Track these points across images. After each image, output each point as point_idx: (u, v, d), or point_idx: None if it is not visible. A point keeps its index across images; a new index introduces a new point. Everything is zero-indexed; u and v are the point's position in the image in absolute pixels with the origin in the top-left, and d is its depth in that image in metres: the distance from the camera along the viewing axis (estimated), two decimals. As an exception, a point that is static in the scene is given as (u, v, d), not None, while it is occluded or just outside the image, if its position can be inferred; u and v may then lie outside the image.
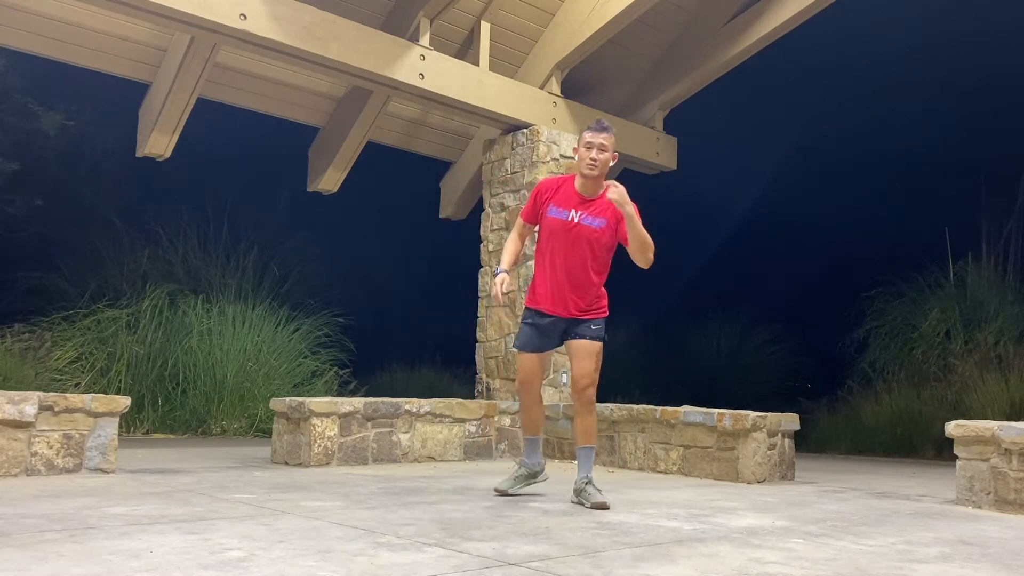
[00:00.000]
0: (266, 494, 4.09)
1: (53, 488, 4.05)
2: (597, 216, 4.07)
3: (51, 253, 9.13)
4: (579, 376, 4.14)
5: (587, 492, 4.03)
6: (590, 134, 4.09)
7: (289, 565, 2.49)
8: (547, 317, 4.16)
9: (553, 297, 4.14)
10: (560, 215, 4.11)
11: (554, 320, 4.16)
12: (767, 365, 12.34)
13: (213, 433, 8.22)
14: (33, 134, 8.80)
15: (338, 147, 7.87)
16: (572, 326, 4.16)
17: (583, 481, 4.09)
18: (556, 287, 4.13)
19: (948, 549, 3.15)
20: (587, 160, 4.06)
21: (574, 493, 4.13)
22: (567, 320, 4.15)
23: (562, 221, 4.10)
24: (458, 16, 7.24)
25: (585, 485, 4.07)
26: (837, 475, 6.33)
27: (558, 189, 4.18)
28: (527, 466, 4.30)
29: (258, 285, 9.57)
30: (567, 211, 4.10)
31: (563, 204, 4.12)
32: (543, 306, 4.16)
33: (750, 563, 2.75)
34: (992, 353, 8.92)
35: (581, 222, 4.07)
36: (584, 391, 4.13)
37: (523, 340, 4.24)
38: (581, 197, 4.12)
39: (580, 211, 4.09)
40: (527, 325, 4.23)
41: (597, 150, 4.05)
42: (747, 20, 7.69)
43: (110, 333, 8.31)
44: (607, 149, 4.07)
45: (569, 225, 4.09)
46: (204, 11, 5.58)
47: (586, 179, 4.10)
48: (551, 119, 7.39)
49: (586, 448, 4.20)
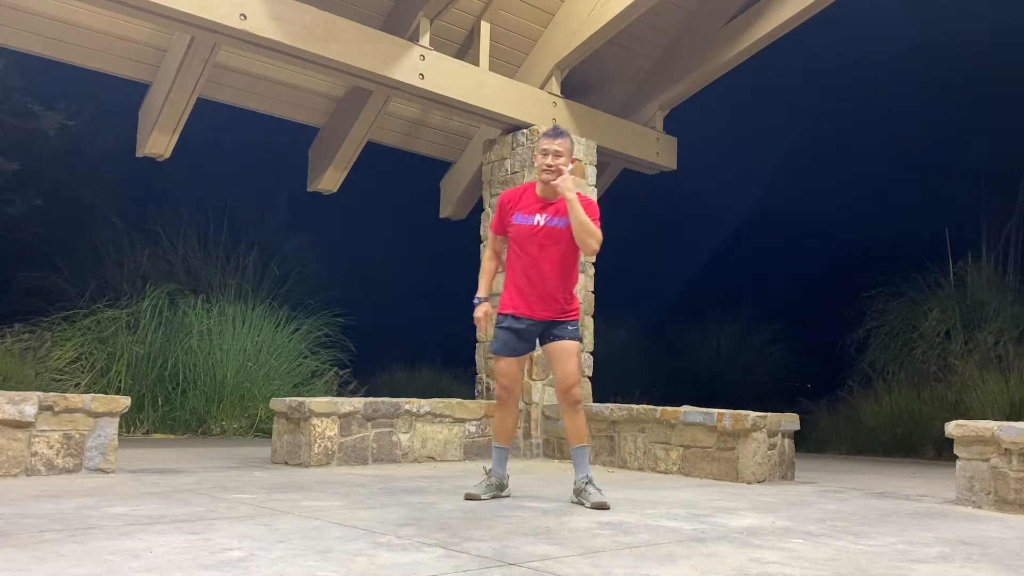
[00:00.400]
0: (266, 494, 4.09)
1: (53, 488, 4.05)
2: (561, 216, 4.21)
3: (51, 253, 9.13)
4: (565, 377, 4.23)
5: (587, 492, 4.07)
6: (546, 140, 4.24)
7: (289, 565, 2.49)
8: (523, 321, 4.24)
9: (528, 301, 4.23)
10: (526, 221, 4.25)
11: (530, 323, 4.25)
12: (767, 365, 12.34)
13: (213, 433, 8.22)
14: (33, 134, 8.80)
15: (338, 147, 7.87)
16: (549, 328, 4.26)
17: (583, 481, 4.13)
18: (530, 291, 4.23)
19: (948, 549, 3.15)
20: (544, 166, 4.21)
21: (574, 493, 4.16)
22: (543, 323, 4.25)
23: (529, 226, 4.24)
24: (458, 16, 7.24)
25: (585, 485, 4.11)
26: (837, 475, 6.33)
27: (520, 197, 4.33)
28: (497, 476, 4.30)
29: (258, 285, 9.57)
30: (532, 216, 4.25)
31: (527, 210, 4.27)
32: (519, 310, 4.24)
33: (750, 563, 2.75)
34: (992, 353, 8.92)
35: (547, 224, 4.22)
36: (570, 391, 4.22)
37: (501, 345, 4.30)
38: (543, 201, 4.26)
39: (544, 214, 4.23)
40: (503, 330, 4.29)
41: (552, 156, 4.20)
42: (747, 20, 7.69)
43: (110, 333, 8.31)
44: (563, 154, 4.21)
45: (536, 229, 4.22)
46: (204, 11, 5.58)
47: (545, 184, 4.23)
48: (551, 119, 7.39)
49: (580, 448, 4.24)
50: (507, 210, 4.32)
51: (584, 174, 7.52)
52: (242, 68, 7.14)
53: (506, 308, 4.28)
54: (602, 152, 7.81)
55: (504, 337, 4.28)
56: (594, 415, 6.48)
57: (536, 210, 4.24)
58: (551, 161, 4.18)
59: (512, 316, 4.25)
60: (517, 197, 4.33)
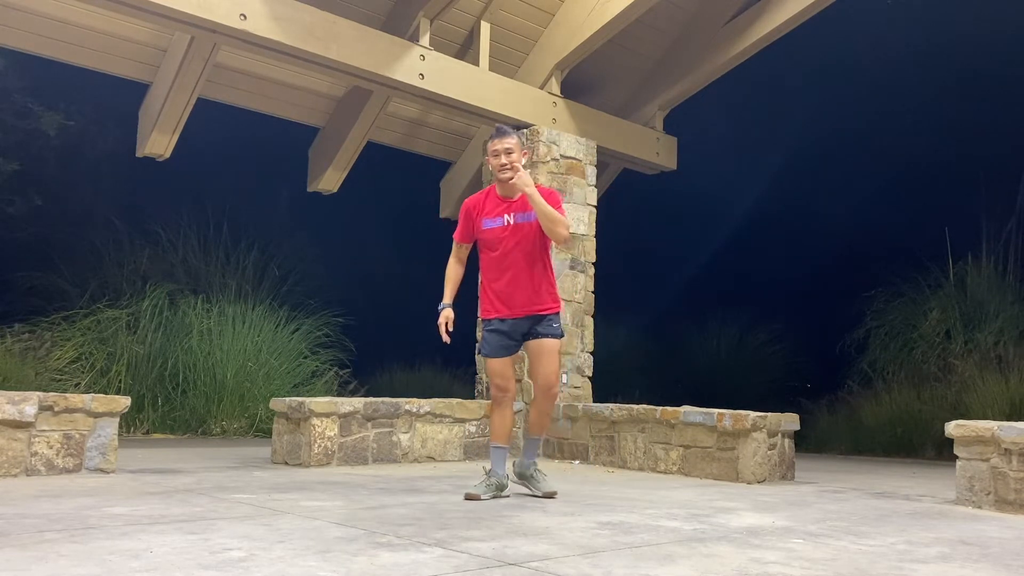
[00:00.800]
0: (266, 494, 4.09)
1: (53, 488, 4.05)
2: (527, 211, 4.28)
3: (51, 253, 9.12)
4: (548, 374, 4.34)
5: (535, 479, 4.32)
6: (495, 142, 4.32)
7: (289, 565, 2.49)
8: (507, 321, 4.31)
9: (510, 301, 4.29)
10: (497, 223, 4.32)
11: (515, 322, 4.31)
12: (767, 365, 12.32)
13: (213, 433, 8.22)
14: (33, 134, 8.80)
15: (338, 147, 7.87)
16: (533, 325, 4.32)
17: (531, 467, 4.36)
18: (511, 290, 4.29)
19: (948, 549, 3.15)
20: (499, 166, 4.29)
21: (517, 476, 4.37)
22: (527, 319, 4.31)
23: (500, 228, 4.31)
24: (458, 16, 7.24)
25: (534, 472, 4.34)
26: (837, 475, 6.33)
27: (484, 202, 4.39)
28: (497, 476, 4.31)
29: (258, 285, 9.57)
30: (500, 217, 4.32)
31: (494, 213, 4.34)
32: (500, 313, 4.31)
33: (750, 563, 2.75)
34: (992, 353, 8.92)
35: (517, 221, 4.29)
36: (551, 388, 4.36)
37: (492, 347, 4.36)
38: (507, 201, 4.33)
39: (511, 213, 4.30)
40: (492, 332, 4.35)
41: (504, 154, 4.27)
42: (747, 20, 7.69)
43: (110, 333, 8.31)
44: (514, 150, 4.29)
45: (508, 229, 4.29)
46: (204, 11, 5.58)
47: (504, 183, 4.30)
48: (551, 119, 7.39)
49: (538, 439, 4.49)
50: (474, 217, 4.38)
51: (584, 174, 7.53)
52: (242, 68, 7.14)
53: (488, 314, 4.36)
54: (602, 152, 7.81)
55: (492, 339, 4.35)
56: (594, 415, 6.48)
57: (502, 211, 4.32)
58: (504, 160, 4.26)
59: (497, 319, 4.32)
60: (480, 203, 4.39)
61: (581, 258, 7.42)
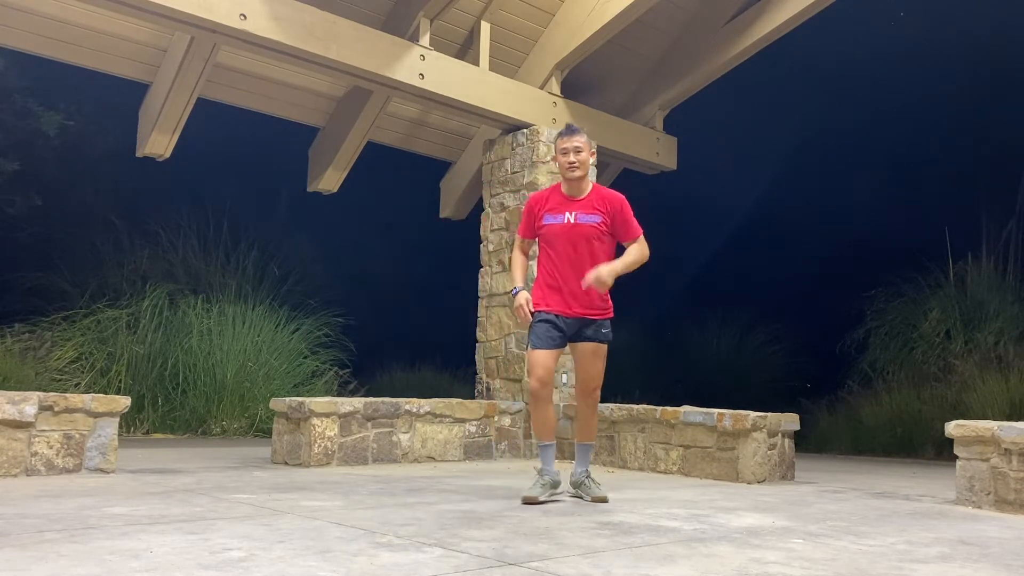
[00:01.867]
0: (266, 494, 4.09)
1: (53, 488, 4.05)
2: (591, 212, 4.25)
3: (51, 253, 9.12)
4: (591, 378, 4.32)
5: (586, 486, 4.20)
6: (563, 140, 4.30)
7: (289, 565, 2.49)
8: (560, 318, 4.25)
9: (562, 298, 4.25)
10: (557, 220, 4.28)
11: (567, 320, 4.26)
12: (767, 365, 12.32)
13: (213, 433, 8.22)
14: (33, 134, 8.79)
15: (338, 147, 7.87)
16: (583, 327, 4.28)
17: (583, 475, 4.25)
18: (565, 288, 4.24)
19: (948, 549, 3.15)
20: (567, 164, 4.27)
21: (572, 485, 4.27)
22: (578, 320, 4.26)
23: (560, 224, 4.26)
24: (458, 16, 7.24)
25: (585, 479, 4.24)
26: (837, 475, 6.33)
27: (548, 199, 4.37)
28: (550, 474, 4.24)
29: (258, 285, 9.57)
30: (563, 214, 4.28)
31: (557, 210, 4.30)
32: (552, 307, 4.26)
33: (750, 563, 2.75)
34: (992, 353, 8.92)
35: (578, 221, 4.24)
36: (593, 392, 4.35)
37: (541, 338, 4.26)
38: (571, 199, 4.30)
39: (574, 211, 4.26)
40: (542, 323, 4.27)
41: (573, 152, 4.25)
42: (747, 20, 7.69)
43: (110, 333, 8.31)
44: (583, 149, 4.28)
45: (568, 226, 4.24)
46: (204, 11, 5.58)
47: (571, 182, 4.29)
48: (551, 119, 7.39)
49: (587, 444, 4.40)
50: (536, 213, 4.35)
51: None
52: (242, 68, 7.14)
53: (540, 306, 4.29)
54: (602, 152, 7.81)
55: (543, 329, 4.25)
56: (594, 415, 6.48)
57: (566, 208, 4.28)
58: (573, 158, 4.24)
59: (549, 313, 4.26)
60: (544, 199, 4.37)
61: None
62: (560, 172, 4.34)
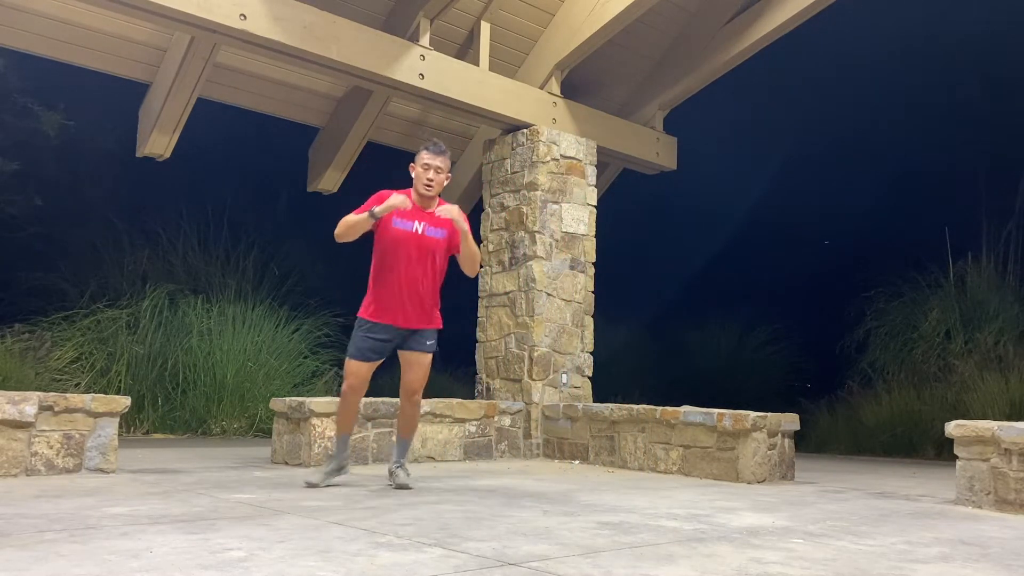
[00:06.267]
0: (266, 494, 4.09)
1: (53, 488, 4.05)
2: (437, 227, 4.41)
3: (51, 253, 9.11)
4: (413, 382, 4.51)
5: (397, 474, 4.47)
6: (429, 155, 4.44)
7: (289, 565, 2.49)
8: (387, 329, 4.41)
9: (395, 308, 4.39)
10: (406, 226, 4.40)
11: (394, 331, 4.43)
12: (767, 365, 12.32)
13: (213, 433, 8.22)
14: (33, 134, 8.79)
15: (338, 147, 7.87)
16: (409, 336, 4.45)
17: (397, 466, 4.53)
18: (399, 297, 4.39)
19: (948, 549, 3.15)
20: (424, 180, 4.43)
21: (388, 474, 4.59)
22: (405, 331, 4.43)
23: (408, 232, 4.39)
24: (458, 16, 7.24)
25: (397, 468, 4.50)
26: (837, 475, 6.33)
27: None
28: (340, 459, 4.58)
29: (258, 285, 9.56)
30: (412, 222, 4.40)
31: (408, 216, 4.41)
32: (384, 319, 4.41)
33: (750, 563, 2.75)
34: (992, 353, 8.92)
35: (426, 233, 4.40)
36: (414, 395, 4.56)
37: (361, 350, 4.45)
38: (420, 210, 4.43)
39: (422, 222, 4.40)
40: (366, 336, 4.44)
41: (435, 171, 4.42)
42: (747, 20, 7.69)
43: (110, 333, 8.30)
44: (443, 171, 4.45)
45: (415, 236, 4.39)
46: (204, 11, 5.58)
47: (423, 198, 4.43)
48: (551, 119, 7.39)
49: (406, 440, 4.65)
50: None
51: (584, 174, 7.53)
52: (242, 68, 7.14)
53: (371, 316, 4.42)
54: (602, 152, 7.81)
55: (366, 343, 4.43)
56: (594, 415, 6.48)
57: (415, 217, 4.39)
58: (432, 176, 4.39)
59: (376, 324, 4.40)
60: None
61: (581, 258, 7.42)
62: (414, 183, 4.44)
